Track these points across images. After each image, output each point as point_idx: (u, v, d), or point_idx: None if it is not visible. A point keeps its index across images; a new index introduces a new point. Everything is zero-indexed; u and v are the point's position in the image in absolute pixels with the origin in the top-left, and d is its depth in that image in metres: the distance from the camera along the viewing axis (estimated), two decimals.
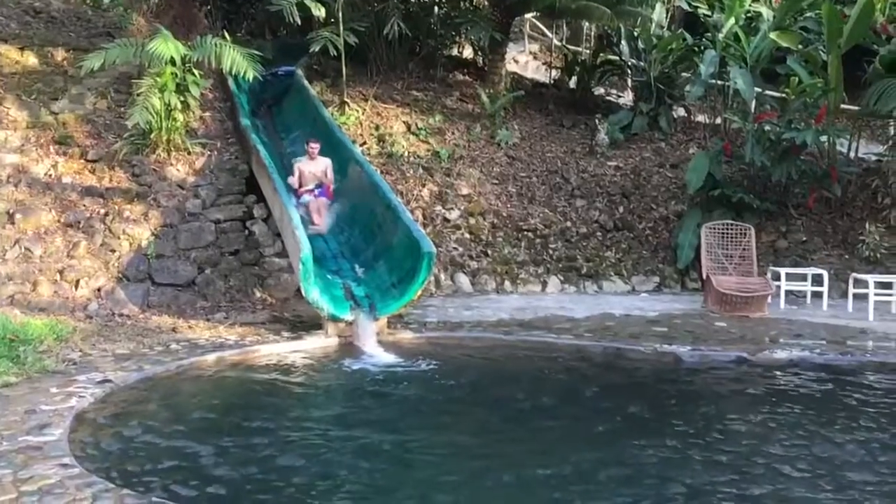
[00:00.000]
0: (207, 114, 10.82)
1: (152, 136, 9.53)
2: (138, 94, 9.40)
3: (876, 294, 8.46)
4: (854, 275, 8.98)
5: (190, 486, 3.98)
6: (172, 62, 9.44)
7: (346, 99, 11.92)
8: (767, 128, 10.35)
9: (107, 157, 9.55)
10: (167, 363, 6.09)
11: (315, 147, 9.22)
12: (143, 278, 8.39)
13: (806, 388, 5.94)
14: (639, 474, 4.28)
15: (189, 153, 9.77)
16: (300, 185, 9.07)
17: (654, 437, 4.82)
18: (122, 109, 10.20)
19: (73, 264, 8.23)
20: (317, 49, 11.42)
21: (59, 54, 11.43)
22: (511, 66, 14.58)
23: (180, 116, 9.72)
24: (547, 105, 13.34)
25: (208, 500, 3.71)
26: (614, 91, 14.19)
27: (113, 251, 8.48)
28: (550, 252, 10.19)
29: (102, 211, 8.88)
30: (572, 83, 13.89)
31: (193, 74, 9.79)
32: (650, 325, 7.78)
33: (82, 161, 9.52)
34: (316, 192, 9.07)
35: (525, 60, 15.72)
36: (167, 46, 9.29)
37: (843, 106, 11.08)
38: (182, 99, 9.70)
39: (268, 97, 12.16)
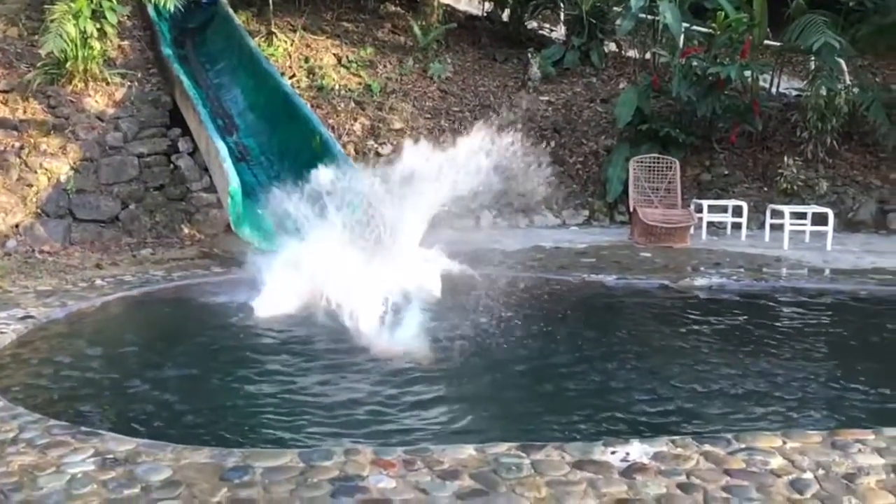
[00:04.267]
0: (126, 42, 10.35)
1: (68, 65, 9.08)
2: (51, 21, 8.88)
3: (791, 224, 8.84)
4: (771, 206, 9.35)
5: (118, 415, 3.97)
6: None
7: (273, 29, 11.56)
8: (694, 63, 10.50)
9: (20, 87, 9.08)
10: (92, 299, 5.97)
11: None
12: (63, 214, 8.12)
13: (721, 311, 6.23)
14: (538, 389, 4.53)
15: (108, 84, 9.36)
16: None
17: (565, 356, 5.07)
18: (35, 37, 9.65)
19: None
20: None
21: None
22: None
23: (97, 45, 9.27)
24: (480, 38, 13.20)
25: (136, 428, 3.71)
26: (547, 25, 14.09)
27: (30, 186, 8.16)
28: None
29: (17, 144, 8.48)
30: (505, 16, 13.76)
31: (110, 0, 9.32)
32: (578, 257, 7.98)
33: None
34: None
35: None
36: None
37: (766, 41, 11.32)
38: (98, 26, 9.22)
39: (191, 26, 11.68)
